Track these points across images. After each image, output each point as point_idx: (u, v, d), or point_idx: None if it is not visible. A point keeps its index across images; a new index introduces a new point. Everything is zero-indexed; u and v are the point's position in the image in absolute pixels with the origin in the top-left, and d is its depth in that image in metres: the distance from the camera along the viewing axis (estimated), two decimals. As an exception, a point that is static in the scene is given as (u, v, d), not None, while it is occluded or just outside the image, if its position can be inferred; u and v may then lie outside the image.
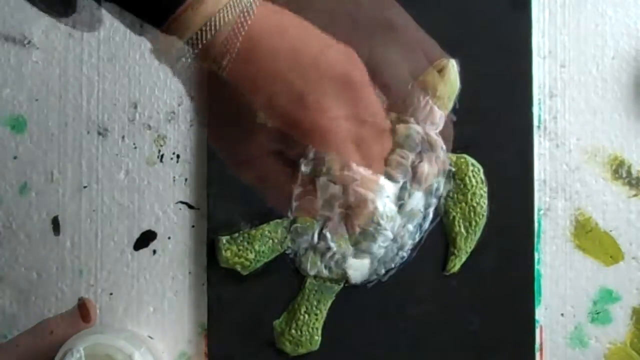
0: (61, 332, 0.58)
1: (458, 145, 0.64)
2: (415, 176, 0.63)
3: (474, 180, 0.64)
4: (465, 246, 0.64)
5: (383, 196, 0.62)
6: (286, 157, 0.45)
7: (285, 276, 0.64)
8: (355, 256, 0.63)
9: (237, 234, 0.64)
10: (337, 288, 0.64)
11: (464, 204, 0.64)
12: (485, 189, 0.64)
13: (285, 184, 0.46)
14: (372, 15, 0.44)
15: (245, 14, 0.42)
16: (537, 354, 0.64)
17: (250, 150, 0.45)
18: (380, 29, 0.44)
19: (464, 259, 0.64)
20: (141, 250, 0.65)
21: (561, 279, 0.65)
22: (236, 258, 0.63)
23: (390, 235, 0.63)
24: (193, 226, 0.65)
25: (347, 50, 0.44)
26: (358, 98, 0.45)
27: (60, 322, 0.59)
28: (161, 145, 0.65)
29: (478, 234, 0.64)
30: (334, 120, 0.43)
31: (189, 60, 0.44)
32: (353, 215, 0.62)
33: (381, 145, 0.46)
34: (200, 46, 0.43)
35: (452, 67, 0.63)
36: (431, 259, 0.64)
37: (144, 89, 0.65)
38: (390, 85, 0.43)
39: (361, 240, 0.63)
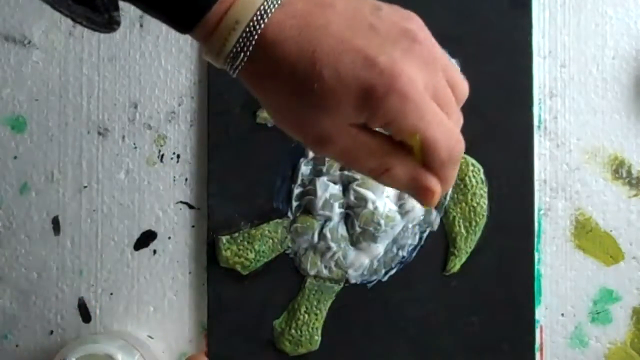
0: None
1: (458, 145, 0.64)
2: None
3: (474, 180, 0.64)
4: (466, 246, 0.64)
5: (383, 196, 0.62)
6: (370, 128, 0.43)
7: (285, 276, 0.64)
8: (355, 256, 0.63)
9: (237, 234, 0.64)
10: (337, 288, 0.64)
11: (464, 204, 0.64)
12: (485, 189, 0.64)
13: (373, 155, 0.43)
14: (394, 25, 0.43)
15: (261, 16, 0.41)
16: (537, 354, 0.64)
17: (331, 125, 0.43)
18: (402, 38, 0.43)
19: (464, 259, 0.64)
20: (141, 250, 0.65)
21: (561, 279, 0.65)
22: (236, 258, 0.63)
23: (391, 235, 0.63)
24: (193, 226, 0.65)
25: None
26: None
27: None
28: (161, 145, 0.65)
29: (478, 234, 0.64)
30: (409, 77, 0.41)
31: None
32: (353, 214, 0.62)
33: (459, 90, 0.45)
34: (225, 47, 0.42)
35: (452, 67, 0.64)
36: (431, 259, 0.64)
37: (144, 89, 0.65)
38: (407, 96, 0.41)
39: (361, 240, 0.63)
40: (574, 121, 0.66)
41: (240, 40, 0.41)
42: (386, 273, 0.64)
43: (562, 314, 0.65)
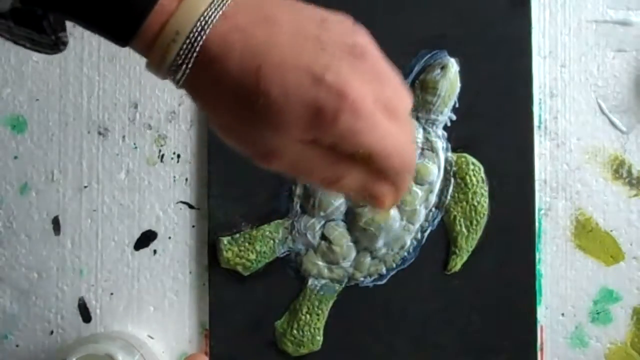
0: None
1: (458, 144, 0.64)
2: (415, 175, 0.63)
3: (474, 179, 0.64)
4: (467, 245, 0.64)
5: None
6: (320, 144, 0.42)
7: (287, 276, 0.64)
8: (357, 255, 0.63)
9: (238, 235, 0.63)
10: (339, 288, 0.64)
11: (464, 203, 0.64)
12: (486, 188, 0.64)
13: (321, 167, 0.42)
14: (341, 40, 0.42)
15: (203, 26, 0.40)
16: (538, 354, 0.64)
17: (278, 141, 0.41)
18: (349, 54, 0.42)
19: (465, 258, 0.64)
20: (142, 250, 0.65)
21: (562, 279, 0.65)
22: (237, 259, 0.63)
23: (391, 235, 0.63)
24: (193, 226, 0.65)
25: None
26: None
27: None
28: (161, 145, 0.65)
29: (479, 233, 0.64)
30: (358, 94, 0.40)
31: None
32: (354, 214, 0.61)
33: (405, 103, 0.44)
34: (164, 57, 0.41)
35: (452, 66, 0.64)
36: (432, 258, 0.64)
37: (144, 88, 0.65)
38: (358, 113, 0.41)
39: (362, 240, 0.63)
40: (574, 121, 0.66)
41: (181, 52, 0.40)
42: (387, 272, 0.64)
43: (563, 314, 0.65)
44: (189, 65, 0.40)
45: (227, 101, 0.41)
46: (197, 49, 0.40)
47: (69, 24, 0.44)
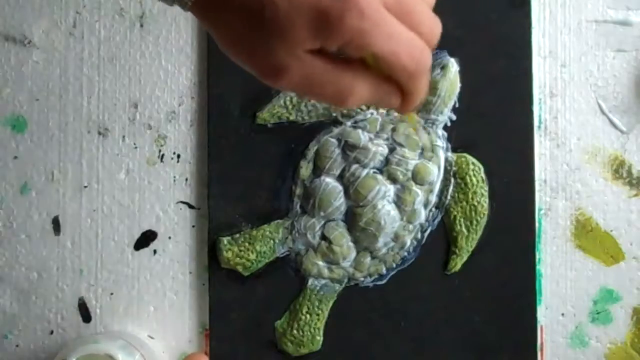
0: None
1: (458, 144, 0.64)
2: (415, 175, 0.63)
3: (474, 179, 0.64)
4: (467, 245, 0.64)
5: (384, 195, 0.62)
6: (327, 52, 0.41)
7: (287, 277, 0.64)
8: (357, 256, 0.64)
9: (238, 235, 0.64)
10: (339, 288, 0.64)
11: (464, 203, 0.64)
12: (486, 188, 0.64)
13: (332, 80, 0.42)
14: None
15: None
16: (538, 354, 0.64)
17: (286, 53, 0.42)
18: None
19: (465, 258, 0.64)
20: (142, 250, 0.65)
21: (562, 279, 0.65)
22: (237, 259, 0.63)
23: (391, 234, 0.63)
24: (193, 226, 0.65)
25: None
26: None
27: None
28: (161, 145, 0.65)
29: (479, 233, 0.64)
30: None
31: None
32: (354, 214, 0.61)
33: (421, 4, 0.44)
34: None
35: (452, 66, 0.64)
36: (432, 258, 0.64)
37: (144, 89, 0.65)
38: (363, 13, 0.40)
39: (362, 240, 0.63)
40: (574, 121, 0.66)
41: None
42: (387, 272, 0.64)
43: (562, 314, 0.65)
44: None
45: (233, 17, 0.41)
46: None
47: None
